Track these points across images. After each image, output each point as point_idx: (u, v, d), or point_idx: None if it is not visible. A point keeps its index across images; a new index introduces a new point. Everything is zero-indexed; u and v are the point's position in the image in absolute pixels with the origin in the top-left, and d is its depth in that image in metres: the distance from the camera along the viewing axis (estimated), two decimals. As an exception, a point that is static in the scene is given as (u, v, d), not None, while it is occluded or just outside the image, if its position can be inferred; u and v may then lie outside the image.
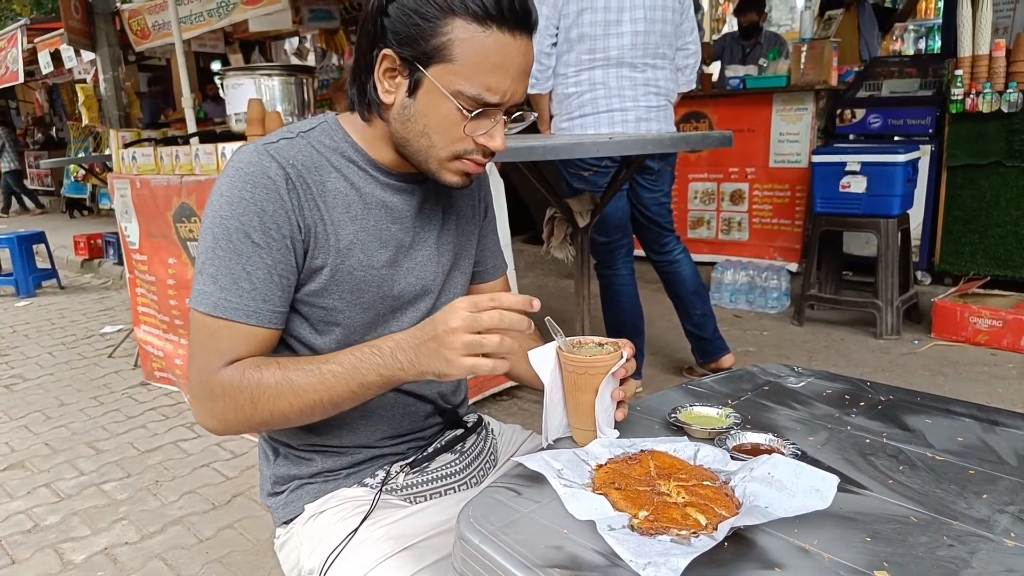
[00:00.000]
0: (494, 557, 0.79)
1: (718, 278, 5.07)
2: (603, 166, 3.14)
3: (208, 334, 1.11)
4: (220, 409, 1.10)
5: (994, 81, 4.26)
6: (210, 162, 3.12)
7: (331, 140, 1.19)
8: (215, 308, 1.09)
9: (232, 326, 1.10)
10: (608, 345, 1.09)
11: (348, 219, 1.17)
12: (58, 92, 13.79)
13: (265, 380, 1.08)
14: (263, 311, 1.11)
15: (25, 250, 6.70)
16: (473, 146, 1.12)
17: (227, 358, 1.10)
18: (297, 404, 1.08)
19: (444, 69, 1.06)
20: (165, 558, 2.43)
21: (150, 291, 3.88)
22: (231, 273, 1.09)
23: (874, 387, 1.26)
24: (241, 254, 1.09)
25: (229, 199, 1.10)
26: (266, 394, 1.08)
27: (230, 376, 1.09)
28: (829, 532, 0.81)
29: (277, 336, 1.16)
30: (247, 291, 1.09)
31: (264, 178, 1.10)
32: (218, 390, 1.09)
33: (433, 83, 1.07)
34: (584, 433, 1.06)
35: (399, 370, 1.04)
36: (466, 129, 1.09)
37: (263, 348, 1.13)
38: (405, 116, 1.12)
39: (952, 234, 4.64)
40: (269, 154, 1.12)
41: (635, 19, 3.01)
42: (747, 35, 6.36)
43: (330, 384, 1.07)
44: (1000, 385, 3.45)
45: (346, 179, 1.18)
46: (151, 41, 7.42)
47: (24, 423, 3.65)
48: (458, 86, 1.06)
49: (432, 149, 1.12)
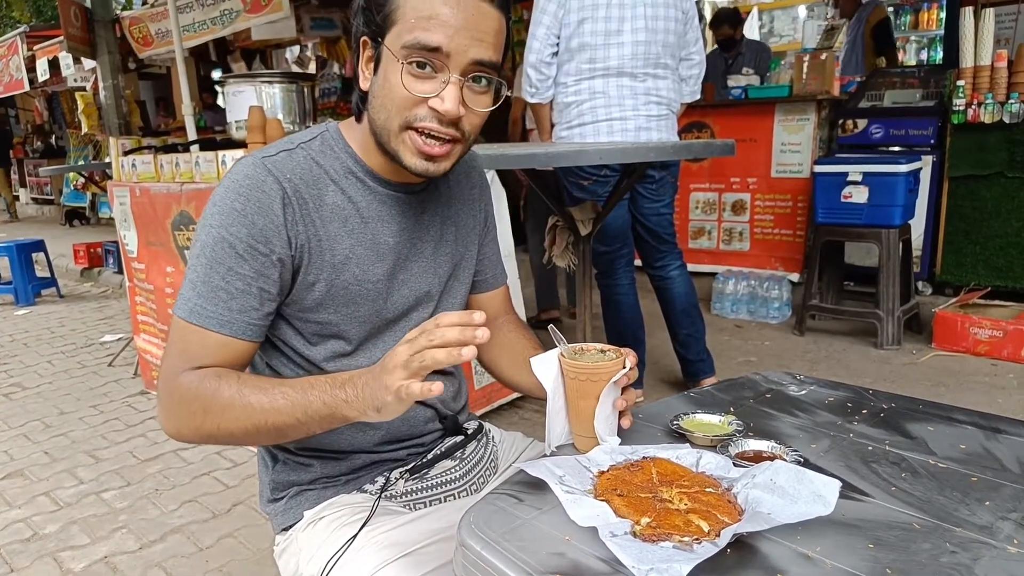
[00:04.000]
0: (496, 564, 0.79)
1: (719, 288, 5.07)
2: (603, 175, 3.14)
3: (180, 337, 1.11)
4: (176, 413, 1.10)
5: (996, 92, 4.27)
6: (210, 170, 3.13)
7: (331, 151, 1.19)
8: (190, 314, 1.10)
9: (204, 333, 1.10)
10: (611, 352, 1.08)
11: (345, 233, 1.16)
12: (58, 100, 13.83)
13: (220, 391, 1.06)
14: (237, 322, 1.10)
15: (24, 259, 6.70)
16: (425, 111, 1.07)
17: (193, 363, 1.10)
18: (244, 422, 1.06)
19: (394, 32, 1.06)
20: (165, 567, 2.42)
21: (149, 300, 3.88)
22: (210, 282, 1.09)
23: (876, 395, 1.26)
24: (223, 264, 1.09)
25: (220, 209, 1.10)
26: (217, 405, 1.06)
27: (189, 381, 1.08)
28: (832, 539, 0.81)
29: (252, 349, 1.15)
30: (224, 301, 1.09)
31: (258, 192, 1.10)
32: (176, 393, 1.09)
33: (387, 50, 1.07)
34: (586, 440, 1.06)
35: (343, 402, 1.01)
36: (411, 88, 1.05)
37: (235, 359, 1.13)
38: (371, 97, 1.12)
39: (953, 244, 4.64)
40: (267, 168, 1.12)
41: (636, 29, 3.01)
42: (727, 48, 6.39)
43: (278, 406, 1.04)
44: (1000, 395, 3.44)
45: (344, 193, 1.17)
46: (154, 48, 7.46)
47: (23, 431, 3.64)
48: (402, 41, 1.05)
49: (388, 122, 1.10)
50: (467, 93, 1.08)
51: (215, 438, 1.09)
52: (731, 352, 4.20)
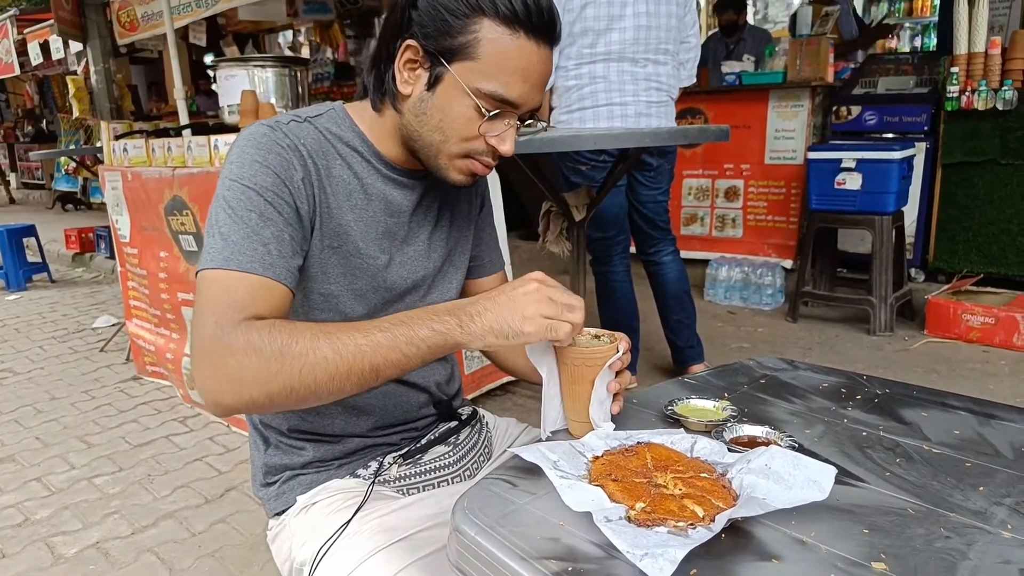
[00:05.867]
0: (490, 549, 0.78)
1: (712, 275, 5.07)
2: (600, 160, 3.13)
3: (222, 289, 1.01)
4: (239, 365, 0.95)
5: (989, 79, 4.27)
6: (203, 154, 3.10)
7: (338, 128, 1.19)
8: (227, 262, 1.02)
9: (248, 278, 1.02)
10: (605, 337, 1.08)
11: (349, 207, 1.17)
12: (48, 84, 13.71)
13: (299, 331, 0.98)
14: (278, 266, 1.05)
15: (15, 243, 6.66)
16: (484, 147, 1.13)
17: (247, 312, 1.00)
18: (334, 360, 0.96)
19: (467, 67, 1.07)
20: (157, 552, 2.41)
21: (141, 285, 3.86)
22: (243, 230, 1.04)
23: (870, 381, 1.26)
24: (253, 212, 1.05)
25: (239, 163, 1.08)
26: (298, 346, 0.96)
27: (257, 327, 0.98)
28: (827, 524, 0.81)
29: (290, 302, 1.08)
30: (262, 244, 1.04)
31: (278, 147, 1.10)
32: (240, 341, 0.96)
33: (455, 79, 1.07)
34: (580, 425, 1.06)
35: (456, 327, 0.99)
36: (481, 128, 1.10)
37: (279, 310, 1.05)
38: (421, 109, 1.12)
39: (946, 231, 4.65)
40: (282, 131, 1.12)
41: (638, 13, 2.99)
42: (729, 33, 6.37)
43: (377, 340, 0.98)
44: (992, 382, 3.46)
45: (350, 168, 1.18)
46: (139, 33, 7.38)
47: (15, 417, 3.63)
48: (479, 84, 1.07)
49: (444, 144, 1.12)
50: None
51: (292, 389, 0.96)
52: (724, 339, 4.21)
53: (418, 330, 0.99)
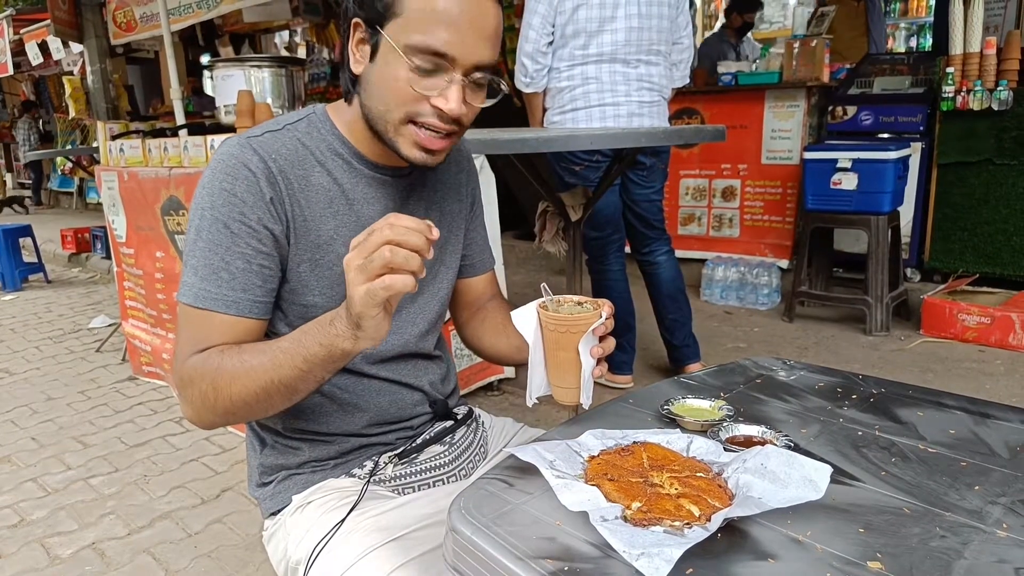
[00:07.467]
0: (486, 549, 0.78)
1: (709, 275, 5.07)
2: (594, 161, 3.14)
3: (188, 324, 1.11)
4: (190, 397, 1.08)
5: (985, 79, 4.28)
6: (199, 154, 3.10)
7: (318, 133, 1.19)
8: (196, 299, 1.09)
9: (210, 315, 1.09)
10: (588, 304, 1.10)
11: (330, 214, 1.17)
12: (45, 84, 13.70)
13: (223, 364, 1.05)
14: (242, 300, 1.10)
15: (11, 243, 6.64)
16: (428, 108, 1.08)
17: (200, 347, 1.09)
18: (251, 386, 1.03)
19: (397, 24, 1.04)
20: (153, 552, 2.41)
21: (138, 285, 3.85)
22: (210, 264, 1.09)
23: (866, 380, 1.26)
24: (220, 244, 1.09)
25: (210, 191, 1.10)
26: (223, 377, 1.04)
27: (195, 362, 1.07)
28: (822, 523, 0.81)
29: (261, 327, 1.15)
30: (226, 281, 1.09)
31: (244, 170, 1.10)
32: (186, 377, 1.08)
33: (388, 41, 1.05)
34: (564, 391, 1.08)
35: (335, 336, 0.97)
36: (418, 87, 1.06)
37: (247, 338, 1.12)
38: (367, 83, 1.11)
39: (942, 231, 4.66)
40: (252, 147, 1.12)
41: (630, 15, 3.01)
42: (741, 33, 6.36)
43: (279, 361, 1.02)
44: (988, 381, 3.46)
45: (330, 174, 1.17)
46: (136, 33, 7.36)
47: (10, 417, 3.62)
48: (407, 39, 1.04)
49: (388, 114, 1.09)
50: (467, 90, 1.08)
51: (233, 414, 1.06)
52: (720, 338, 4.21)
53: (309, 346, 1.00)
